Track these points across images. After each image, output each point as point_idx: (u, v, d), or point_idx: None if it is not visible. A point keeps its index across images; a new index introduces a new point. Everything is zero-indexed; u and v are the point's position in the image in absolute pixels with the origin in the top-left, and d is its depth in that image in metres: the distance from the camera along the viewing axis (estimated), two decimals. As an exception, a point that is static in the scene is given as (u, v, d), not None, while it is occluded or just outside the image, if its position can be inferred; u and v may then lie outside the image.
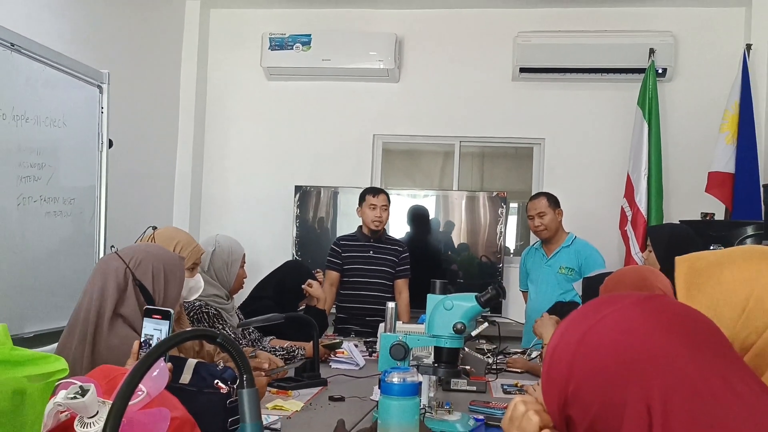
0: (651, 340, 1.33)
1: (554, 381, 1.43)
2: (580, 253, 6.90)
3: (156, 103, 8.60)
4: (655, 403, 1.28)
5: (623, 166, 8.28)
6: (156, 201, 8.64)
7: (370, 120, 9.11)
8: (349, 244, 7.10)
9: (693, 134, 8.30)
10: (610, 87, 8.57)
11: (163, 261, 3.61)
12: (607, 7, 8.56)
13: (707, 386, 1.29)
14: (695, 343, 1.34)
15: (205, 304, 4.93)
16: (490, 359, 5.36)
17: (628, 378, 1.32)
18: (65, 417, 2.38)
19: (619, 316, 1.39)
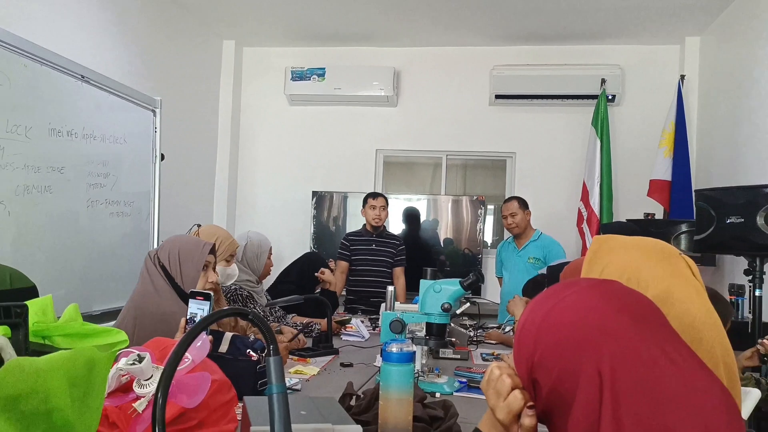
0: (602, 317, 1.34)
1: (523, 350, 1.43)
2: (545, 246, 6.92)
3: (199, 123, 8.62)
4: (605, 369, 1.28)
5: (580, 175, 8.28)
6: (199, 203, 8.65)
7: (373, 137, 9.10)
8: (356, 239, 7.15)
9: (637, 148, 8.29)
10: (569, 110, 8.57)
11: (179, 246, 3.63)
12: (566, 45, 8.55)
13: (648, 354, 1.29)
14: (638, 319, 1.35)
15: (239, 288, 4.93)
16: (471, 332, 5.37)
17: (583, 348, 1.32)
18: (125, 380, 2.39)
19: (576, 297, 1.40)
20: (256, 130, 9.38)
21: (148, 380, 2.39)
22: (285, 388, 1.64)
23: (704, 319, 1.53)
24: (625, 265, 1.60)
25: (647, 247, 1.67)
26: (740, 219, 4.64)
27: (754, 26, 6.54)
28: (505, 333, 5.40)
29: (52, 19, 5.78)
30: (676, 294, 1.53)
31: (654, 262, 1.60)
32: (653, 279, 1.56)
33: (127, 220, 5.80)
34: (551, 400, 1.39)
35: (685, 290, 1.55)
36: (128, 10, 6.90)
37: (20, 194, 4.51)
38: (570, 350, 1.34)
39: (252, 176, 9.37)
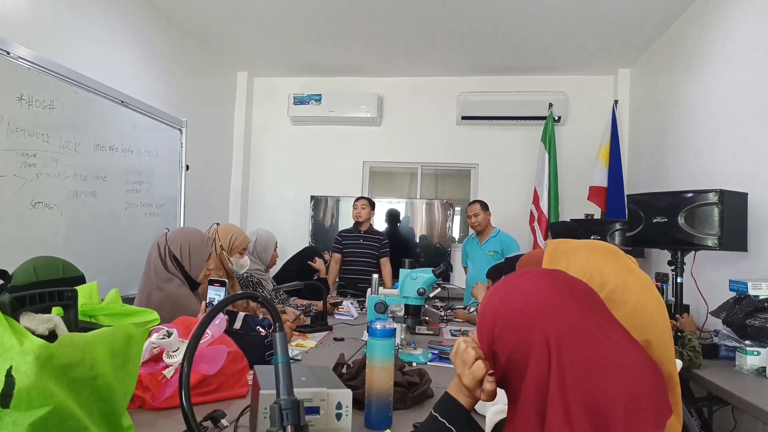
0: (550, 299, 1.35)
1: (484, 327, 1.44)
2: (502, 241, 6.89)
3: (217, 140, 8.61)
4: (552, 342, 1.30)
5: (531, 182, 8.29)
6: (217, 205, 8.62)
7: (361, 151, 9.08)
8: (346, 235, 7.23)
9: (578, 160, 8.30)
10: (523, 129, 8.56)
11: (188, 239, 3.67)
12: (520, 75, 8.55)
13: (588, 331, 1.31)
14: (580, 302, 1.36)
15: (250, 275, 4.95)
16: (442, 312, 5.37)
17: (534, 324, 1.34)
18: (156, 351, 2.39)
19: (528, 283, 1.40)
20: (264, 145, 9.35)
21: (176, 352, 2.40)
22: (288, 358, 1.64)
23: (655, 304, 1.55)
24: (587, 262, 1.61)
25: (600, 248, 1.68)
26: (664, 219, 4.67)
27: (675, 59, 6.57)
28: (470, 313, 5.41)
29: (97, 54, 5.78)
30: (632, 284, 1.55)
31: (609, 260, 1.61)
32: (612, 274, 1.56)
33: (158, 219, 5.82)
34: (508, 368, 1.40)
35: (637, 281, 1.56)
36: (159, 45, 6.89)
37: (70, 198, 4.58)
38: (523, 326, 1.36)
39: (261, 183, 9.35)
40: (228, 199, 9.10)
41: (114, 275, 5.07)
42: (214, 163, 8.54)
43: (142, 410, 2.28)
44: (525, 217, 8.29)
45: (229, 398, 2.45)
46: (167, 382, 2.31)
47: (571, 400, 1.27)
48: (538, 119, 8.35)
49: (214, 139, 8.52)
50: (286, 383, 1.60)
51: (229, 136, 9.06)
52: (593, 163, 7.91)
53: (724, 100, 5.47)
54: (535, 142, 8.38)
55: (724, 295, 4.22)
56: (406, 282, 3.69)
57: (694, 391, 4.42)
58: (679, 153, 6.34)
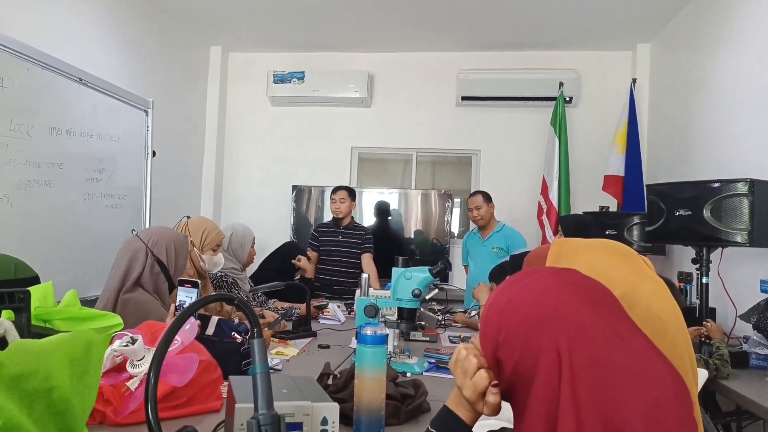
0: (560, 301, 1.35)
1: (488, 332, 1.44)
2: (507, 237, 6.90)
3: (188, 122, 8.61)
4: (563, 348, 1.30)
5: (540, 171, 8.30)
6: (187, 196, 8.62)
7: (348, 136, 9.10)
8: (324, 230, 7.15)
9: (592, 146, 8.33)
10: (530, 111, 8.58)
11: (173, 240, 3.72)
12: (527, 51, 8.57)
13: (602, 335, 1.31)
14: (594, 303, 1.36)
15: (225, 275, 4.96)
16: (439, 317, 5.39)
17: (543, 329, 1.33)
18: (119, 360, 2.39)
19: (537, 283, 1.40)
20: (240, 128, 9.35)
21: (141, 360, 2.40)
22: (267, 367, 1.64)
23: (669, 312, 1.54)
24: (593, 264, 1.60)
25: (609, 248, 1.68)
26: (688, 212, 4.67)
27: (700, 34, 6.58)
28: (471, 317, 5.43)
29: (53, 25, 5.76)
30: (642, 289, 1.54)
31: (618, 261, 1.61)
32: (621, 276, 1.56)
33: (121, 212, 5.81)
34: (514, 377, 1.40)
35: (649, 286, 1.56)
36: (123, 18, 6.88)
37: (22, 188, 4.56)
38: (531, 331, 1.35)
39: (237, 171, 9.34)
40: (199, 190, 9.10)
41: (72, 275, 5.03)
42: (184, 148, 8.54)
43: (103, 426, 2.27)
44: (533, 209, 8.31)
45: (201, 413, 2.45)
46: (131, 395, 2.31)
47: (585, 413, 1.27)
48: (547, 100, 8.36)
49: (184, 122, 8.52)
50: (265, 396, 1.60)
51: (200, 119, 9.05)
52: (609, 150, 7.92)
53: (754, 78, 5.47)
54: (544, 126, 8.39)
55: (755, 297, 4.23)
56: (400, 282, 3.69)
57: (721, 405, 4.45)
58: (704, 138, 6.35)
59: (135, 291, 3.49)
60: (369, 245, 7.05)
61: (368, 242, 7.06)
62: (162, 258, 3.60)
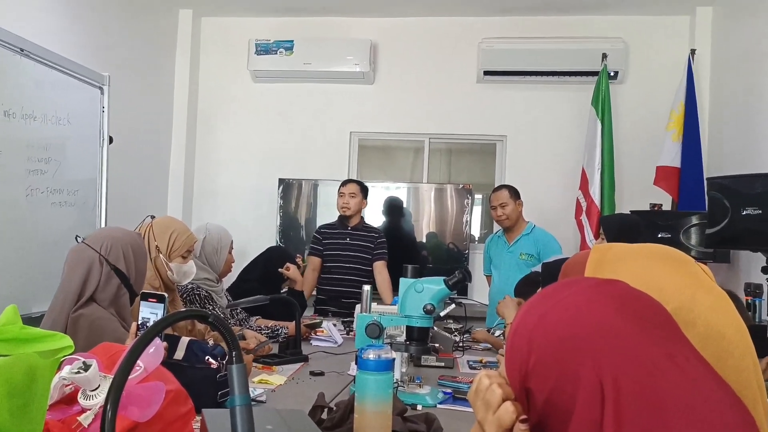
0: (603, 319, 1.34)
1: (516, 356, 1.43)
2: (538, 241, 6.90)
3: (152, 102, 8.61)
4: (607, 377, 1.29)
5: (578, 161, 8.29)
6: (152, 192, 8.65)
7: (347, 119, 9.12)
8: (329, 232, 7.13)
9: (642, 132, 8.33)
10: (567, 88, 8.60)
11: (129, 243, 3.71)
12: (563, 16, 8.57)
13: (653, 361, 1.30)
14: (643, 322, 1.35)
15: (197, 287, 4.95)
16: (457, 337, 5.38)
17: (582, 354, 1.32)
18: (70, 390, 2.39)
19: (575, 298, 1.39)
20: (215, 109, 9.36)
21: (95, 391, 2.40)
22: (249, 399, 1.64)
23: (733, 331, 1.52)
24: (641, 274, 1.59)
25: (660, 255, 1.67)
26: (757, 210, 4.66)
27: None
28: (495, 338, 5.42)
29: (-14, -16, 5.76)
30: (701, 304, 1.53)
31: (672, 270, 1.60)
32: (675, 289, 1.55)
33: (71, 211, 5.79)
34: (547, 411, 1.39)
35: (709, 300, 1.55)
36: (71, -26, 6.87)
37: (-51, 181, 4.51)
38: (568, 356, 1.34)
39: (211, 162, 9.35)
40: (166, 183, 9.12)
41: (11, 287, 5.01)
42: (148, 134, 8.52)
43: (50, 469, 2.26)
44: (569, 208, 8.32)
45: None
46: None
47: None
48: (587, 75, 8.36)
49: (148, 102, 8.50)
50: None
51: (167, 99, 9.07)
52: (662, 136, 7.91)
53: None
54: (584, 107, 8.38)
55: (839, 314, 4.23)
56: (409, 296, 3.69)
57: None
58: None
59: (88, 306, 3.47)
60: (382, 250, 7.06)
61: (381, 247, 7.07)
62: (120, 265, 3.58)
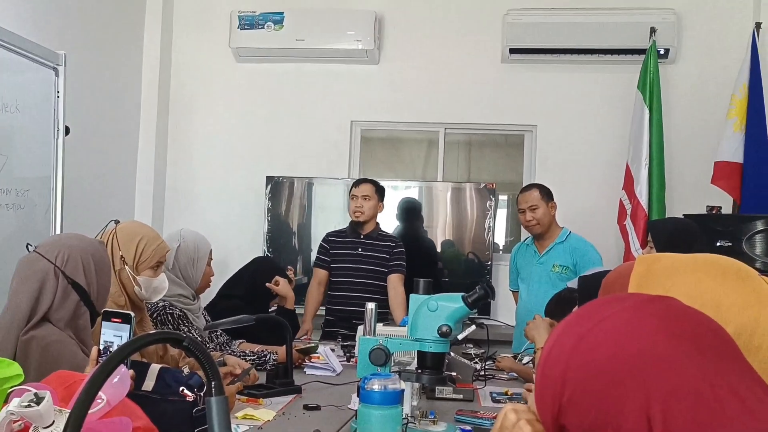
0: (653, 344, 1.33)
1: (548, 388, 1.43)
2: (575, 250, 6.90)
3: (116, 87, 8.59)
4: (656, 412, 1.28)
5: (622, 156, 8.29)
6: (116, 192, 8.64)
7: (347, 105, 9.12)
8: (338, 240, 7.18)
9: (698, 120, 8.32)
10: (608, 69, 8.59)
11: (90, 252, 3.67)
12: (604, -16, 8.56)
13: (712, 393, 1.29)
14: (700, 347, 1.34)
15: (170, 305, 4.96)
16: (477, 365, 5.38)
17: (628, 384, 1.31)
18: (19, 427, 2.39)
19: (619, 318, 1.39)
20: (191, 95, 9.37)
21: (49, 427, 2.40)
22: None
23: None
24: (695, 292, 1.58)
25: (719, 267, 1.66)
26: (837, 214, 4.66)
27: None
28: (524, 365, 5.42)
29: None
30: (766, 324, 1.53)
31: (733, 286, 1.59)
32: (736, 307, 1.54)
33: (21, 215, 5.79)
34: (585, 453, 1.40)
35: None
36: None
37: None
38: (610, 387, 1.34)
39: (186, 156, 9.36)
40: (133, 182, 9.10)
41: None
42: (111, 123, 8.50)
43: None
44: (611, 211, 8.32)
45: (135, 502, 2.45)
46: (36, 477, 2.31)
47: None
48: (632, 53, 8.34)
49: (111, 85, 8.48)
50: (227, 478, 1.60)
51: (135, 81, 9.05)
52: (721, 125, 7.90)
53: None
54: (629, 91, 8.37)
55: None
56: (421, 315, 3.68)
57: None
58: None
59: (41, 327, 3.45)
60: (399, 262, 7.09)
61: (398, 258, 7.10)
62: (79, 279, 3.55)
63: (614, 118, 8.53)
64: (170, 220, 9.17)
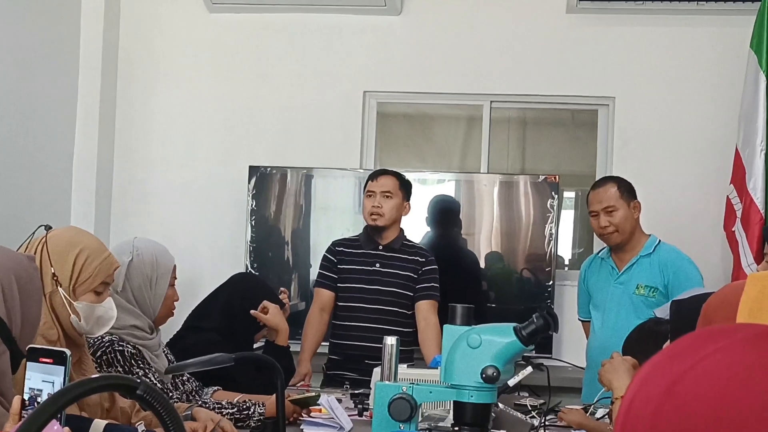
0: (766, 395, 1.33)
1: (632, 448, 1.43)
2: (666, 266, 6.84)
3: (46, 50, 8.58)
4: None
5: (729, 138, 8.27)
6: (46, 189, 8.62)
7: (358, 70, 9.12)
8: (348, 251, 7.08)
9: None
10: (709, 22, 8.58)
11: (12, 270, 3.52)
12: None
13: None
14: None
15: (119, 340, 4.94)
16: (535, 420, 5.39)
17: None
18: None
19: (725, 357, 1.37)
20: (148, 57, 9.37)
21: None
22: None
23: None
24: None
25: None
26: None
27: None
28: (597, 420, 5.42)
29: None
30: None
31: None
32: None
33: None
34: None
35: None
36: None
37: None
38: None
39: (141, 142, 9.36)
40: (69, 175, 9.09)
41: None
42: (40, 100, 8.48)
43: None
44: (715, 213, 8.30)
45: None
46: None
47: None
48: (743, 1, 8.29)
49: (40, 48, 8.47)
50: None
51: (71, 39, 9.01)
52: None
53: None
54: (739, 51, 8.34)
55: None
56: (459, 353, 3.66)
57: None
58: None
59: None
60: (431, 284, 6.99)
61: (430, 278, 7.01)
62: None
63: (717, 88, 8.52)
64: (119, 226, 9.16)
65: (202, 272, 7.90)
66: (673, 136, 8.60)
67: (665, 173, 8.39)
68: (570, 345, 8.11)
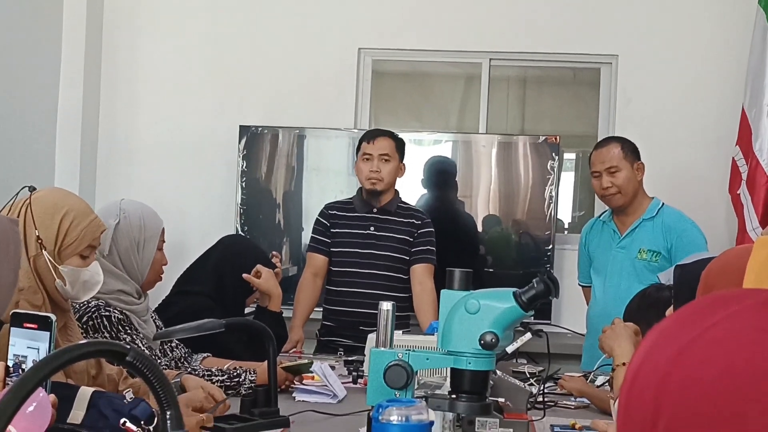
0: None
1: (634, 420, 1.42)
2: (669, 229, 6.84)
3: (27, 4, 8.58)
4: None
5: (735, 98, 8.27)
6: (29, 149, 8.62)
7: (353, 27, 9.11)
8: (342, 215, 7.04)
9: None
10: (716, -23, 8.57)
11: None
12: None
13: None
14: None
15: (106, 305, 4.93)
16: (534, 388, 5.38)
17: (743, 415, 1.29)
18: None
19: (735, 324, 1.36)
20: (133, 11, 9.35)
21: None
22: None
23: None
24: None
25: None
26: None
27: None
28: (598, 387, 5.42)
29: None
30: None
31: None
32: None
33: None
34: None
35: None
36: None
37: None
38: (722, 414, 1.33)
39: (127, 98, 9.35)
40: (53, 134, 9.09)
41: None
42: (20, 52, 8.48)
43: None
44: (720, 175, 8.32)
45: None
46: None
47: None
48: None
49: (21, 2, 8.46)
50: None
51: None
52: None
53: None
54: (746, 8, 8.33)
55: None
56: (457, 320, 3.66)
57: None
58: None
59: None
60: (427, 247, 6.98)
61: (425, 242, 7.00)
62: None
63: (723, 46, 8.52)
64: (105, 187, 9.16)
65: (191, 235, 7.90)
66: (678, 96, 8.60)
67: (669, 134, 8.39)
68: (570, 311, 8.11)
